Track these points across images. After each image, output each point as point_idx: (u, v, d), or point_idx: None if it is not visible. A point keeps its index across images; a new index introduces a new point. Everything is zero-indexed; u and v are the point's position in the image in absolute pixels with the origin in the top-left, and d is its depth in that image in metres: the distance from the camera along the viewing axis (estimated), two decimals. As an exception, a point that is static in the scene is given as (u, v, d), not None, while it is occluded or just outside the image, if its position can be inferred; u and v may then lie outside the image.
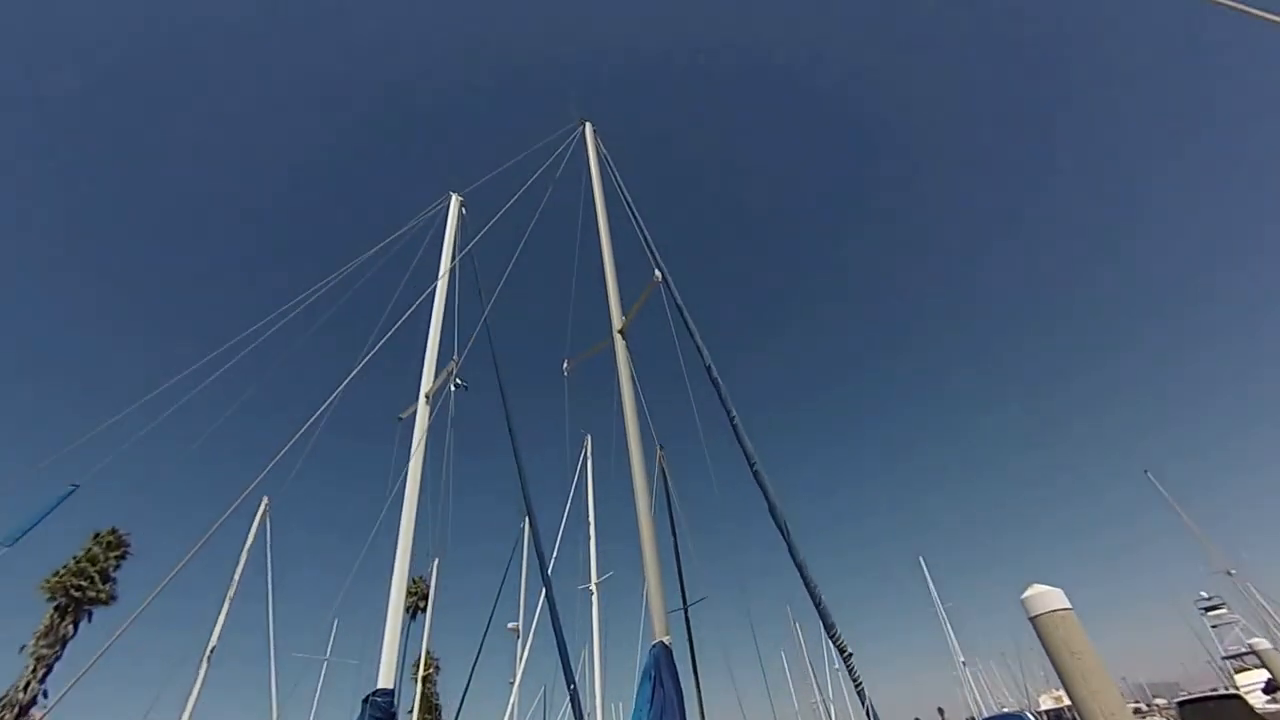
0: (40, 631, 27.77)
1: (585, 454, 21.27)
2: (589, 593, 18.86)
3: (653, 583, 5.44)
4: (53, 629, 28.07)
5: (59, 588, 27.83)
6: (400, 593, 7.13)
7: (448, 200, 9.50)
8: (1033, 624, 6.04)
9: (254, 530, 17.22)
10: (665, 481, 18.18)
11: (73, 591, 28.25)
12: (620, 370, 6.46)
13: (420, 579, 31.14)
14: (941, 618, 44.45)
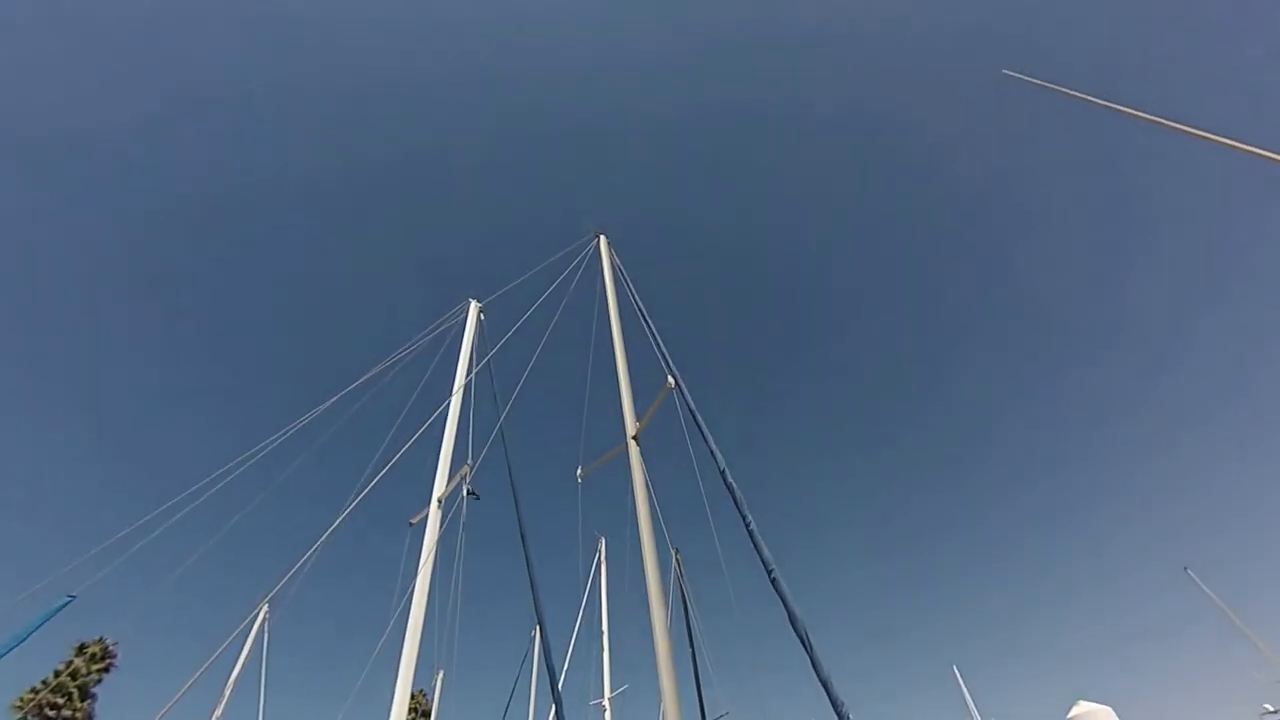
0: (4, 759, 25.82)
1: (599, 557, 20.65)
2: (602, 709, 17.50)
3: (669, 697, 5.18)
4: (21, 755, 26.12)
5: (32, 706, 26.20)
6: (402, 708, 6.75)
7: (467, 307, 9.96)
8: None
9: (250, 641, 16.43)
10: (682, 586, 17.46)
11: (47, 710, 26.59)
12: (634, 476, 6.50)
13: (422, 692, 29.05)
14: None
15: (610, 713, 17.53)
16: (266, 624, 17.01)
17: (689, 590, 18.05)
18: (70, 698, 27.54)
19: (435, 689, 22.07)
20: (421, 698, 30.42)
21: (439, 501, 8.01)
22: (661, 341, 7.67)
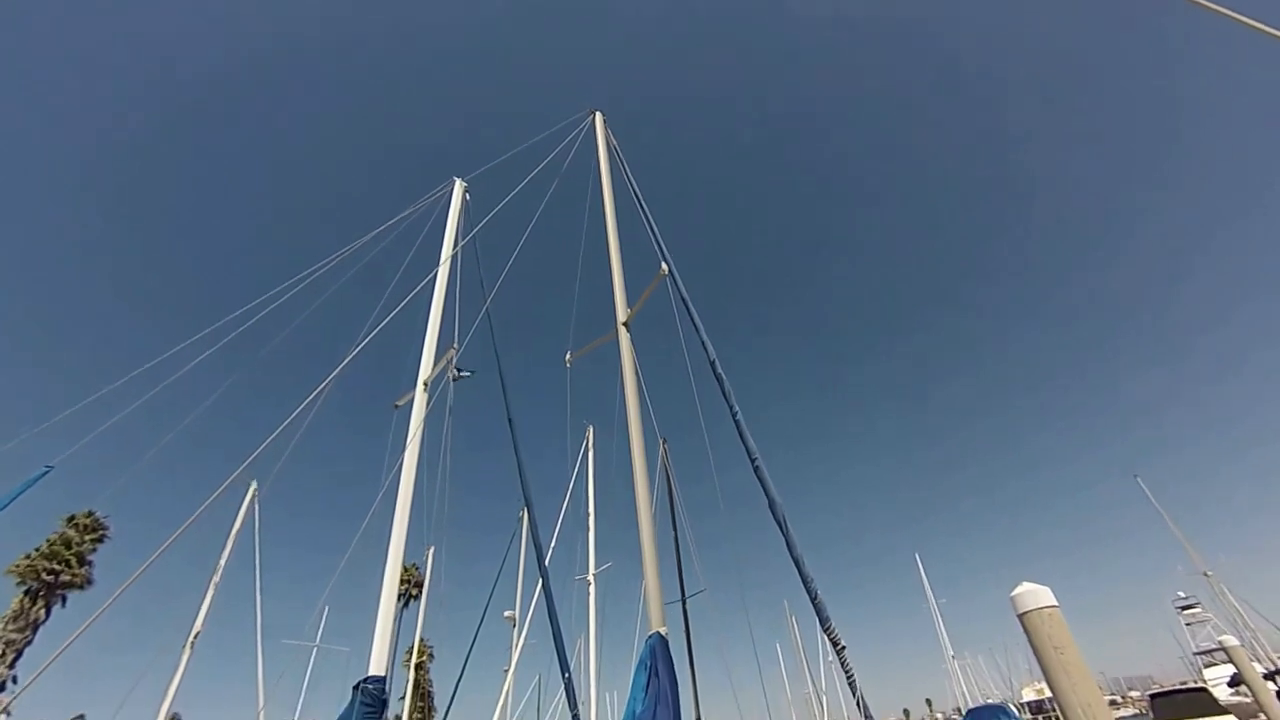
0: (8, 615, 27.16)
1: (587, 445, 21.28)
2: (586, 583, 18.93)
3: (650, 575, 5.48)
4: (22, 613, 27.49)
5: (29, 571, 27.22)
6: (393, 582, 7.08)
7: (451, 186, 9.38)
8: (1020, 620, 6.24)
9: (241, 515, 16.96)
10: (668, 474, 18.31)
11: (44, 575, 27.67)
12: (624, 363, 6.46)
13: (414, 566, 30.99)
14: (934, 613, 45.42)
15: (594, 588, 19.01)
16: (257, 501, 17.52)
17: (674, 478, 18.96)
18: (68, 564, 28.66)
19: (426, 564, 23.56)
20: (414, 570, 32.54)
21: (424, 385, 7.97)
22: (656, 227, 7.38)
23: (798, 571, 6.01)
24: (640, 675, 4.74)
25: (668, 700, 4.54)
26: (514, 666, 17.99)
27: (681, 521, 18.54)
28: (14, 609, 27.12)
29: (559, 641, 7.23)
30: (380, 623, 6.84)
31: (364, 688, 6.29)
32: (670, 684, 4.67)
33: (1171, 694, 32.17)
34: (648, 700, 4.53)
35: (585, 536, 19.70)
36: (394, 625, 7.21)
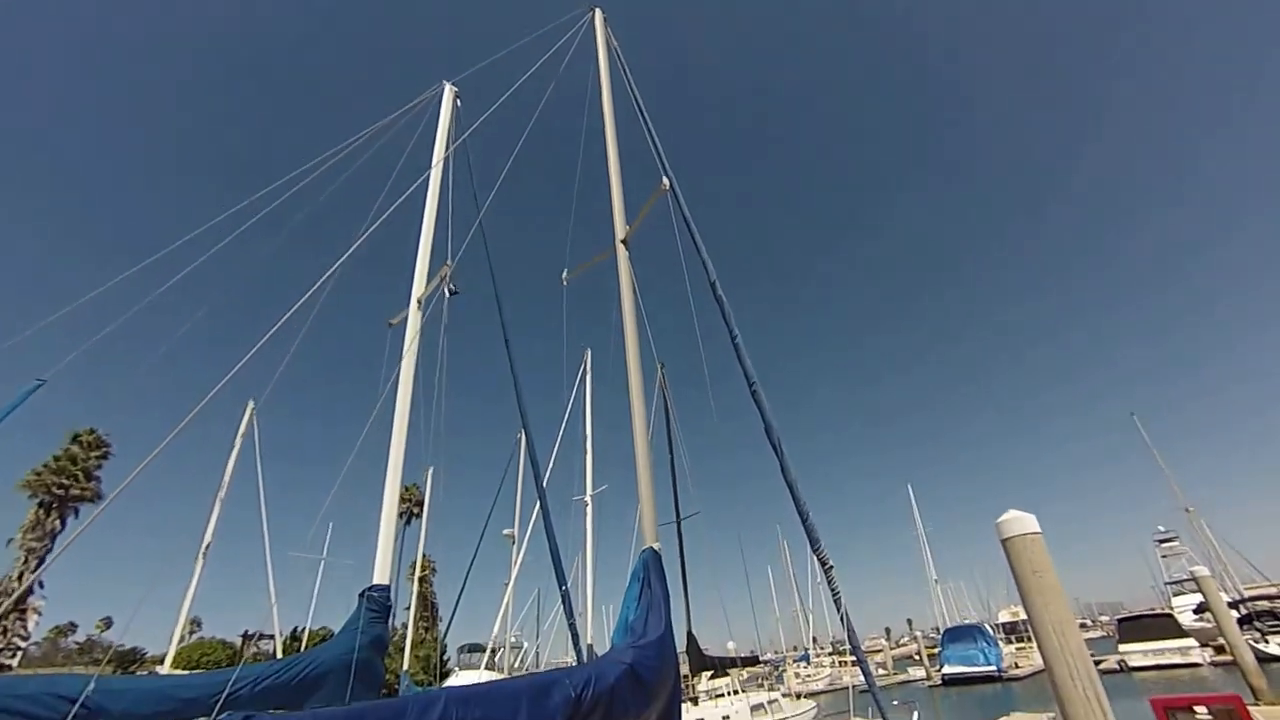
0: (26, 526, 28.33)
1: (584, 368, 21.42)
2: (583, 504, 19.58)
3: (645, 493, 5.56)
4: (39, 524, 28.62)
5: (39, 486, 28.11)
6: (393, 496, 7.21)
7: (440, 90, 8.79)
8: (1004, 545, 6.44)
9: (240, 433, 17.24)
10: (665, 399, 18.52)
11: (55, 489, 28.61)
12: (621, 282, 6.29)
13: (414, 486, 32.01)
14: (921, 541, 47.63)
15: (591, 509, 19.72)
16: (255, 419, 17.77)
17: (671, 403, 19.22)
18: (76, 479, 29.54)
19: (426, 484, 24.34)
20: (414, 490, 33.71)
21: (419, 302, 7.81)
22: (657, 139, 6.98)
23: (790, 494, 6.13)
24: (634, 587, 4.90)
25: (659, 610, 4.71)
26: (513, 581, 18.94)
27: (677, 446, 18.95)
28: (30, 520, 28.24)
29: (556, 556, 7.48)
30: (382, 536, 7.02)
31: (369, 595, 6.52)
32: (662, 595, 4.84)
33: (1138, 618, 34.21)
34: (640, 609, 4.71)
35: (583, 459, 20.18)
36: (396, 539, 7.42)
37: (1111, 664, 28.04)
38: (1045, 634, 5.86)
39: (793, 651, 48.33)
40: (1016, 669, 32.70)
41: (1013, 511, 6.49)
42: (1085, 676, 5.52)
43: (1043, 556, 6.26)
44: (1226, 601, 17.56)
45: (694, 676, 18.36)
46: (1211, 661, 26.19)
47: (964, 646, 32.93)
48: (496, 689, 3.53)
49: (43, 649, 40.77)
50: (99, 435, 29.99)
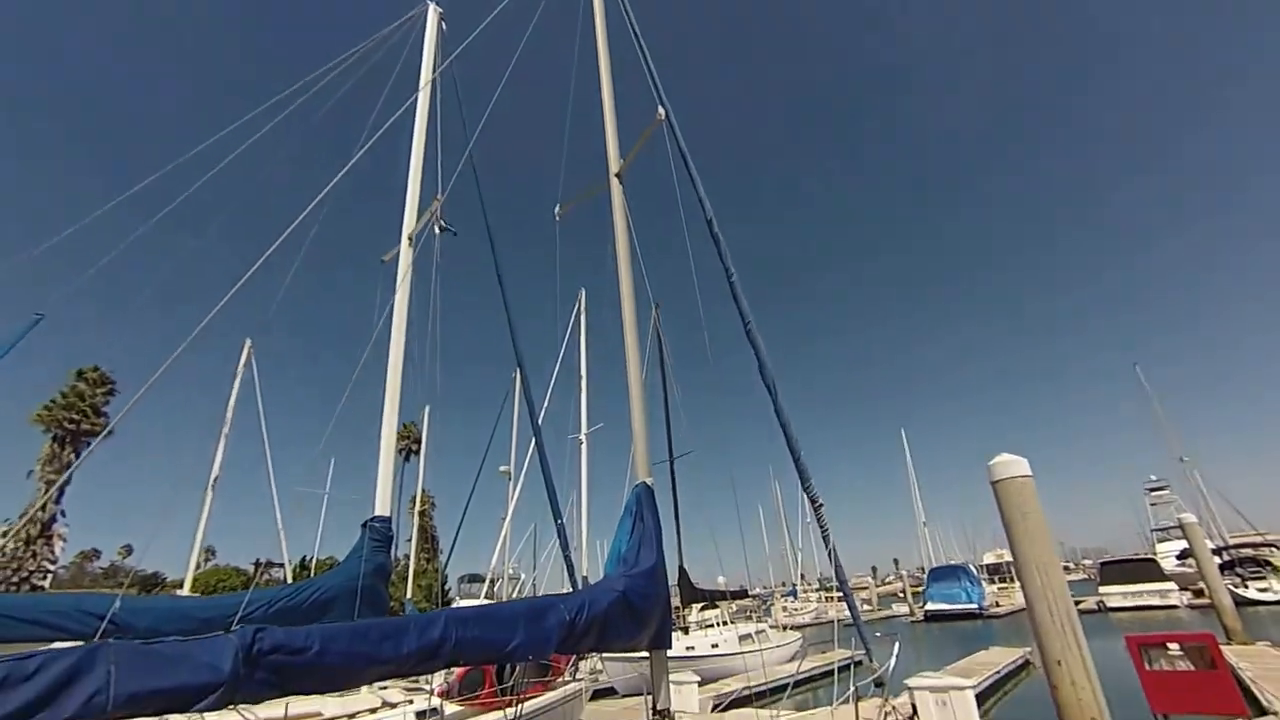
0: (43, 459, 29.18)
1: (579, 307, 21.35)
2: (578, 442, 19.92)
3: (638, 426, 5.61)
4: (55, 457, 29.45)
5: (51, 420, 28.76)
6: (391, 434, 7.31)
7: (425, 10, 8.27)
8: (994, 488, 6.51)
9: (239, 370, 17.42)
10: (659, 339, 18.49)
11: (66, 424, 29.28)
12: (616, 217, 6.12)
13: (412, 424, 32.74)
14: (912, 484, 48.66)
15: (586, 447, 20.08)
16: (253, 357, 17.90)
17: (666, 342, 19.19)
18: (85, 414, 30.13)
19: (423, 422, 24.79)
20: (412, 428, 34.39)
21: (409, 239, 7.66)
22: (654, 67, 6.59)
23: (783, 433, 6.16)
24: (626, 520, 5.03)
25: (651, 542, 4.86)
26: (510, 515, 19.56)
27: (671, 386, 19.03)
28: (46, 453, 29.05)
29: (551, 492, 7.64)
30: (382, 470, 7.16)
31: (371, 525, 6.73)
32: (654, 528, 4.98)
33: (1121, 562, 35.12)
34: (632, 541, 4.85)
35: (577, 398, 20.39)
36: (395, 474, 7.57)
37: (1090, 605, 28.92)
38: (1029, 573, 6.03)
39: (781, 587, 50.25)
40: (997, 607, 33.83)
41: (1005, 455, 6.54)
42: (1064, 614, 5.71)
43: (1031, 499, 6.36)
44: (1211, 549, 17.96)
45: (685, 608, 19.19)
46: (1189, 604, 26.97)
47: (947, 585, 34.03)
48: (495, 611, 3.67)
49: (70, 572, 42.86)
50: (103, 372, 30.44)
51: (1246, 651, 12.84)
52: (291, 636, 2.61)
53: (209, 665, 2.32)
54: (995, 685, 13.01)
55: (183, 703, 2.26)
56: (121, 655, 2.16)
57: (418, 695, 7.74)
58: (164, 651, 2.32)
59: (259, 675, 2.44)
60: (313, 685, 2.78)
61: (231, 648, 2.38)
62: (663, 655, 5.10)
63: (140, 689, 2.12)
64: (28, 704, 1.90)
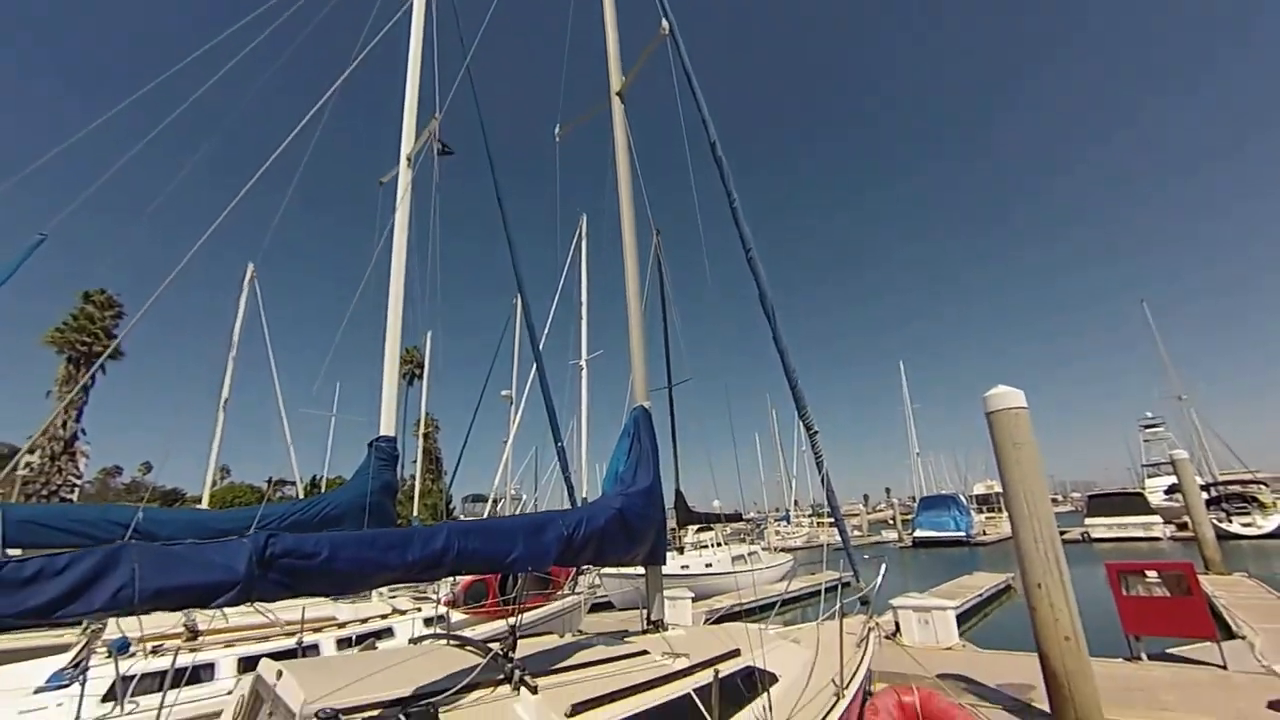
0: (60, 380, 29.90)
1: (580, 233, 21.05)
2: (579, 369, 20.15)
3: (636, 350, 5.64)
4: (71, 378, 30.12)
5: (64, 342, 29.24)
6: (394, 355, 7.36)
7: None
8: (988, 419, 6.59)
9: (244, 293, 17.46)
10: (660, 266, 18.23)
11: (79, 346, 29.77)
12: (616, 135, 5.88)
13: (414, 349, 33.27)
14: (907, 416, 49.40)
15: (586, 373, 20.31)
16: (256, 281, 17.88)
17: (666, 269, 18.95)
18: (96, 337, 30.52)
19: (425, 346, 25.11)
20: (414, 352, 34.85)
21: (408, 159, 7.42)
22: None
23: (781, 361, 6.17)
24: (624, 442, 5.14)
25: (648, 463, 4.97)
26: (512, 438, 20.12)
27: (671, 313, 18.94)
28: (62, 375, 29.72)
29: (552, 415, 7.77)
30: (385, 391, 7.27)
31: (377, 445, 6.91)
32: (651, 450, 5.09)
33: (1108, 495, 35.87)
34: (630, 462, 4.97)
35: (578, 324, 20.45)
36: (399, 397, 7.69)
37: (1075, 535, 29.77)
38: (1017, 501, 6.19)
39: (775, 512, 52.01)
40: (984, 536, 34.99)
41: (1001, 387, 6.57)
42: (1048, 541, 5.90)
43: (1025, 430, 6.43)
44: (1200, 485, 18.27)
45: (680, 529, 19.99)
46: (1171, 537, 27.75)
47: (937, 514, 35.08)
48: (496, 524, 3.81)
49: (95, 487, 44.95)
50: (109, 295, 30.61)
51: (1223, 581, 13.40)
52: (302, 542, 2.74)
53: (225, 566, 2.45)
54: (977, 607, 13.70)
55: (202, 599, 2.41)
56: (144, 555, 2.30)
57: (425, 604, 8.23)
58: (183, 553, 2.45)
59: (272, 576, 2.58)
60: (323, 587, 2.93)
61: (246, 551, 2.51)
62: (657, 570, 5.34)
63: (163, 585, 2.27)
64: (60, 596, 2.06)
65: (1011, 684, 6.82)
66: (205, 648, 5.74)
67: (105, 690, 4.79)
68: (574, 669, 3.66)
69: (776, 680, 4.35)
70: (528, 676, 3.14)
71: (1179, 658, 7.77)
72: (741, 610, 4.90)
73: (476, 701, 2.99)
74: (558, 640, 4.87)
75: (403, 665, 3.40)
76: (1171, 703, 6.14)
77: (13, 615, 2.01)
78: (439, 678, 3.07)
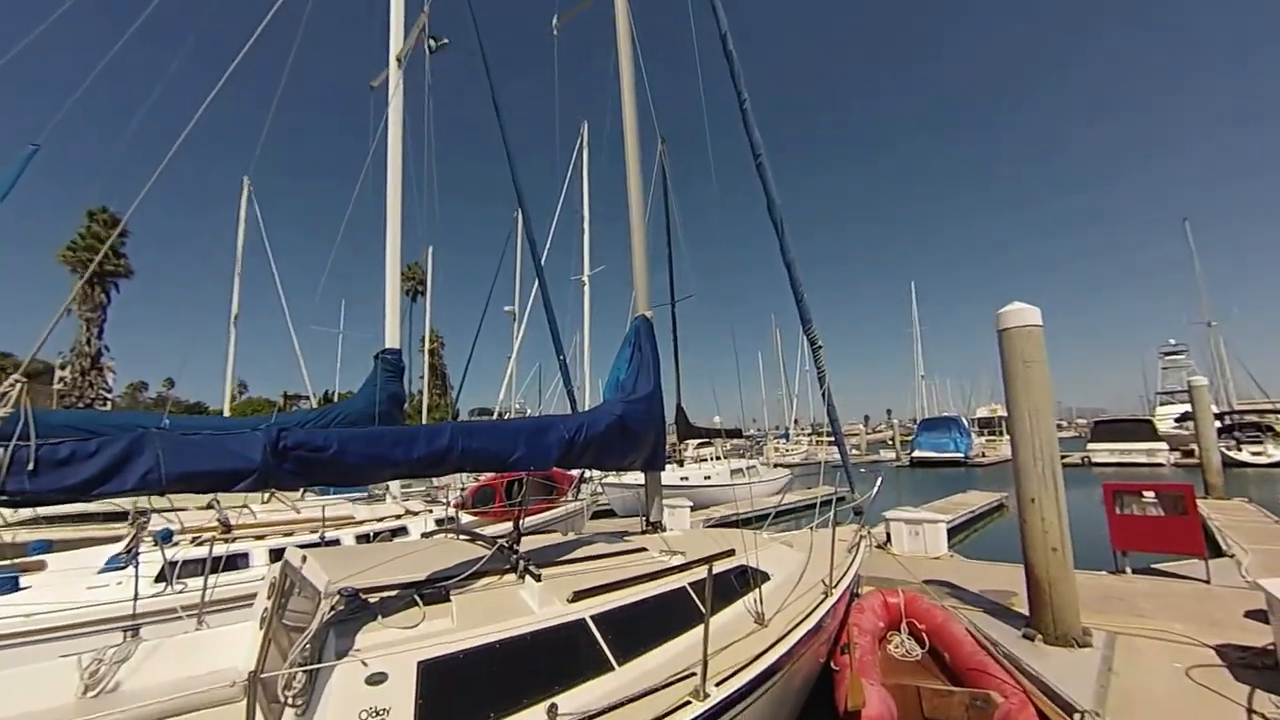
0: (77, 298, 30.32)
1: (581, 141, 20.25)
2: (581, 284, 19.98)
3: (638, 258, 5.52)
4: (88, 297, 30.49)
5: (75, 261, 29.38)
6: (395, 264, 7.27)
7: None
8: (1000, 336, 6.34)
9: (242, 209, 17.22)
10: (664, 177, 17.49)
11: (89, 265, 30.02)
12: (619, 29, 5.44)
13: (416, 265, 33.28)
14: (915, 337, 49.00)
15: (589, 288, 20.17)
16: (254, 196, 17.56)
17: (671, 182, 18.28)
18: (109, 256, 30.57)
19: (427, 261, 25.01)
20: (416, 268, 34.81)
21: (398, 59, 6.97)
22: None
23: (787, 273, 6.02)
24: (625, 350, 5.14)
25: (649, 371, 4.99)
26: (515, 353, 20.40)
27: (675, 227, 18.43)
28: (80, 293, 30.09)
29: (554, 328, 7.74)
30: (389, 303, 7.25)
31: (383, 358, 6.97)
32: (652, 358, 5.09)
33: (1115, 421, 35.28)
34: (631, 370, 5.00)
35: (580, 237, 20.09)
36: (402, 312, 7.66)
37: (1075, 460, 29.27)
38: (1020, 418, 6.05)
39: (774, 430, 52.65)
40: (983, 457, 35.00)
41: (1017, 303, 6.30)
42: (1047, 459, 5.84)
43: (1037, 349, 6.17)
44: (1215, 412, 17.73)
45: (681, 444, 20.49)
46: (1175, 464, 27.48)
47: (937, 435, 35.09)
48: (498, 426, 3.91)
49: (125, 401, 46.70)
50: (112, 214, 30.43)
51: (1222, 505, 13.37)
52: (312, 436, 2.92)
53: (241, 454, 2.64)
54: (968, 523, 14.07)
55: (223, 483, 2.63)
56: (167, 441, 2.49)
57: (436, 506, 8.63)
58: (203, 441, 2.64)
59: (286, 466, 2.76)
60: (333, 478, 3.14)
61: (260, 441, 2.69)
62: (656, 476, 5.48)
63: (185, 469, 2.48)
64: (95, 476, 2.29)
65: (994, 590, 7.05)
66: (238, 541, 6.17)
67: (156, 573, 5.32)
68: (576, 561, 3.87)
69: (768, 578, 4.57)
70: (532, 566, 3.30)
71: (1164, 572, 7.90)
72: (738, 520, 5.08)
73: (485, 587, 3.19)
74: (561, 538, 5.11)
75: (416, 554, 3.63)
76: (1149, 610, 6.33)
77: (55, 491, 2.24)
78: (450, 565, 3.26)
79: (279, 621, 3.35)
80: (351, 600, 2.67)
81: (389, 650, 2.46)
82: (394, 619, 2.69)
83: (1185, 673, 4.77)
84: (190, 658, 3.45)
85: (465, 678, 2.58)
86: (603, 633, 3.15)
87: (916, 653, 5.66)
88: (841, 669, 4.87)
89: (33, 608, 4.84)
